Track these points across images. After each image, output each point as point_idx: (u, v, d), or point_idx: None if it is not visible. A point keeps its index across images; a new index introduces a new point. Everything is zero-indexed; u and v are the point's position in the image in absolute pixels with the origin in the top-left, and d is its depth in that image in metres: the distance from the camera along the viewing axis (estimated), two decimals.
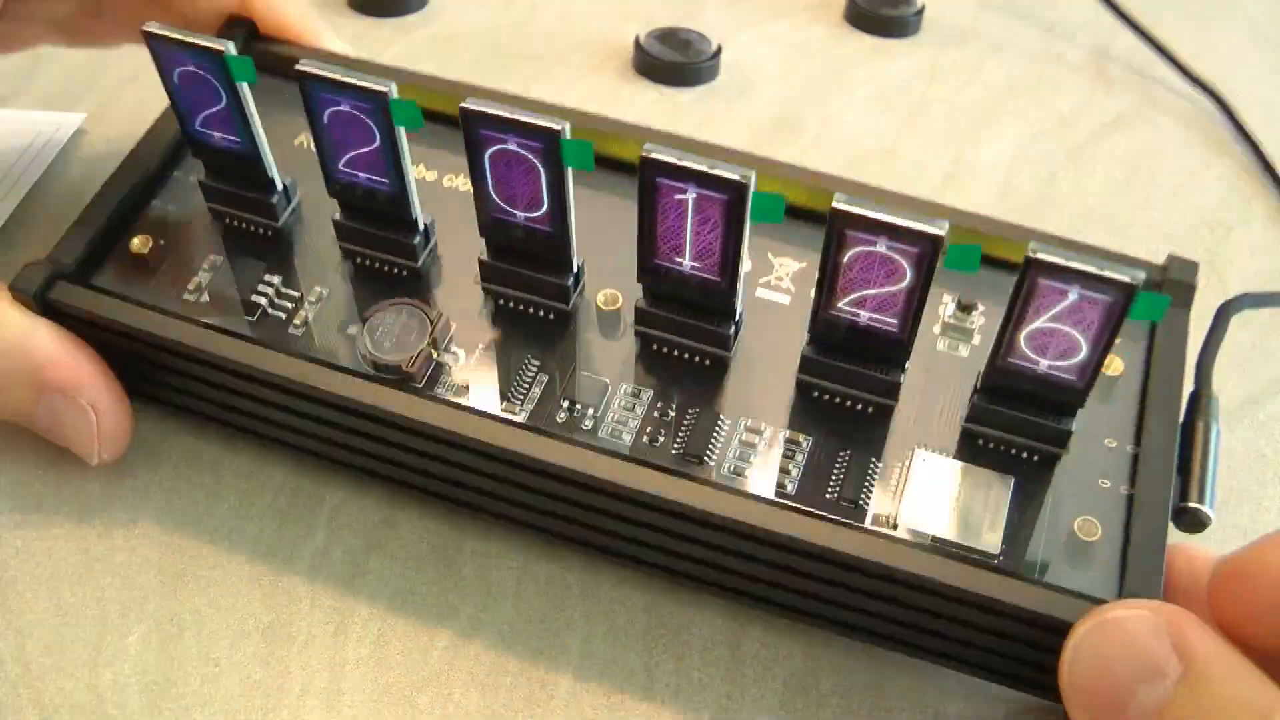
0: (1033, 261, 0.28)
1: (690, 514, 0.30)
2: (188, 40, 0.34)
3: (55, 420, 0.35)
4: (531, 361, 0.34)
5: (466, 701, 0.32)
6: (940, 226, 0.29)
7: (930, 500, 0.31)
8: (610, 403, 0.33)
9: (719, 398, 0.34)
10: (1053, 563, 0.30)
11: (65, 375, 0.34)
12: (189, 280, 0.36)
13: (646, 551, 0.33)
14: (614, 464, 0.31)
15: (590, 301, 0.36)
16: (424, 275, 0.36)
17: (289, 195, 0.38)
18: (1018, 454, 0.32)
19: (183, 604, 0.34)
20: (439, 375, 0.34)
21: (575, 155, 0.31)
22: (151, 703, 0.32)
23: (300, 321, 0.35)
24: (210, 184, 0.37)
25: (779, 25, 0.61)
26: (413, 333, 0.34)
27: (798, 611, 0.32)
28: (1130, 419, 0.33)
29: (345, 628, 0.34)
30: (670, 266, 0.33)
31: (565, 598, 0.35)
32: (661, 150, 0.30)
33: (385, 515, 0.36)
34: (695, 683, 0.33)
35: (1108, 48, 0.60)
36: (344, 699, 0.32)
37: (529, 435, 0.32)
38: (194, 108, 0.36)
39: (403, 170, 0.34)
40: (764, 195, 0.30)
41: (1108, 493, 0.31)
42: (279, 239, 0.37)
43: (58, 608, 0.34)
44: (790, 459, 0.32)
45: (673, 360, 0.34)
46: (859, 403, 0.33)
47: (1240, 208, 0.51)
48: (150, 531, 0.36)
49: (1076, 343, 0.30)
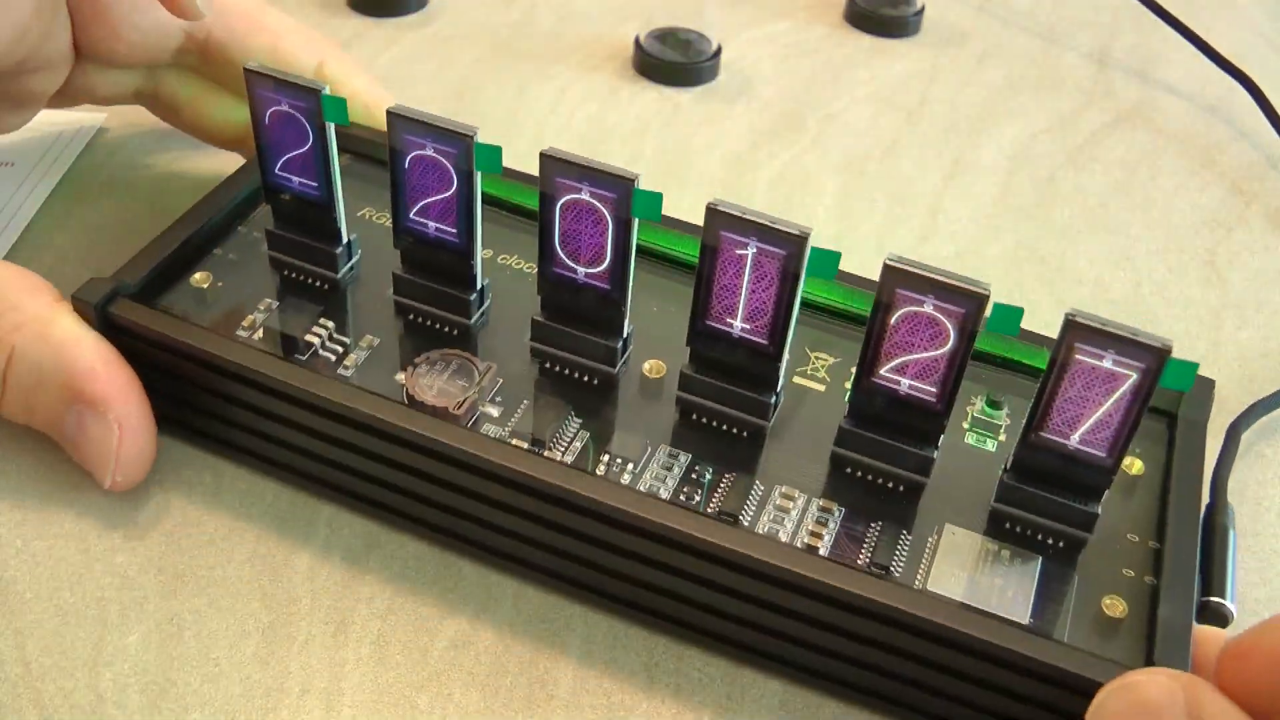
0: (1071, 324, 0.29)
1: (723, 556, 0.31)
2: (285, 79, 0.35)
3: (80, 432, 0.35)
4: (573, 418, 0.35)
5: (467, 701, 0.32)
6: (985, 287, 0.30)
7: (959, 572, 0.32)
8: (649, 462, 0.34)
9: (755, 465, 0.34)
10: (1081, 634, 0.31)
11: (99, 388, 0.34)
12: (244, 318, 0.37)
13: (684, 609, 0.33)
14: (652, 504, 0.31)
15: (635, 369, 0.36)
16: (474, 335, 0.37)
17: (351, 251, 0.39)
18: (1044, 538, 0.33)
19: (183, 604, 0.34)
20: (481, 423, 0.34)
21: (645, 206, 0.32)
22: (151, 703, 0.32)
23: (350, 364, 0.36)
24: (278, 232, 0.39)
25: (779, 25, 0.61)
26: (459, 382, 0.35)
27: (821, 676, 0.32)
28: (1151, 516, 0.34)
29: (345, 627, 0.34)
30: (720, 329, 0.34)
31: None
32: (727, 205, 0.32)
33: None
34: (695, 682, 0.33)
35: (1108, 48, 0.60)
36: (344, 699, 0.32)
37: (569, 471, 0.32)
38: (279, 149, 0.37)
39: (473, 221, 0.35)
40: (821, 252, 0.31)
41: (1133, 580, 0.32)
42: (336, 292, 0.38)
43: (58, 608, 0.34)
44: (823, 525, 0.33)
45: (712, 428, 0.35)
46: (892, 479, 0.34)
47: (1241, 208, 0.51)
48: (150, 531, 0.35)
49: (1108, 415, 0.31)
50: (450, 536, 0.35)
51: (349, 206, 0.40)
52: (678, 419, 0.35)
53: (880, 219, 0.49)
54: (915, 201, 0.50)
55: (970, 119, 0.55)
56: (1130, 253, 0.48)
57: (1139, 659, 0.30)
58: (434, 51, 0.57)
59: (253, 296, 0.38)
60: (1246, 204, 0.51)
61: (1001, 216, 0.50)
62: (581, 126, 0.52)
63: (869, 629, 0.30)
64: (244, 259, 0.39)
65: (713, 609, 0.32)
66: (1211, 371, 0.43)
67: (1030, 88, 0.57)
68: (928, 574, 0.32)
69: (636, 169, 0.32)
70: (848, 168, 0.52)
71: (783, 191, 0.50)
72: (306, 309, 0.37)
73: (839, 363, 0.37)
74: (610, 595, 0.34)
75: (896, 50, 0.59)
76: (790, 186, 0.50)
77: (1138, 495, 0.34)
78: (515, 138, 0.51)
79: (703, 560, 0.31)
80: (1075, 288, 0.46)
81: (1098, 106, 0.56)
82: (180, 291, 0.38)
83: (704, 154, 0.51)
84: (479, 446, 0.32)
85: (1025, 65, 0.59)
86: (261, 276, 0.39)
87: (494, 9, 0.60)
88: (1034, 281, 0.46)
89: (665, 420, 0.35)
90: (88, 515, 0.36)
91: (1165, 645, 0.29)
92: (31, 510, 0.36)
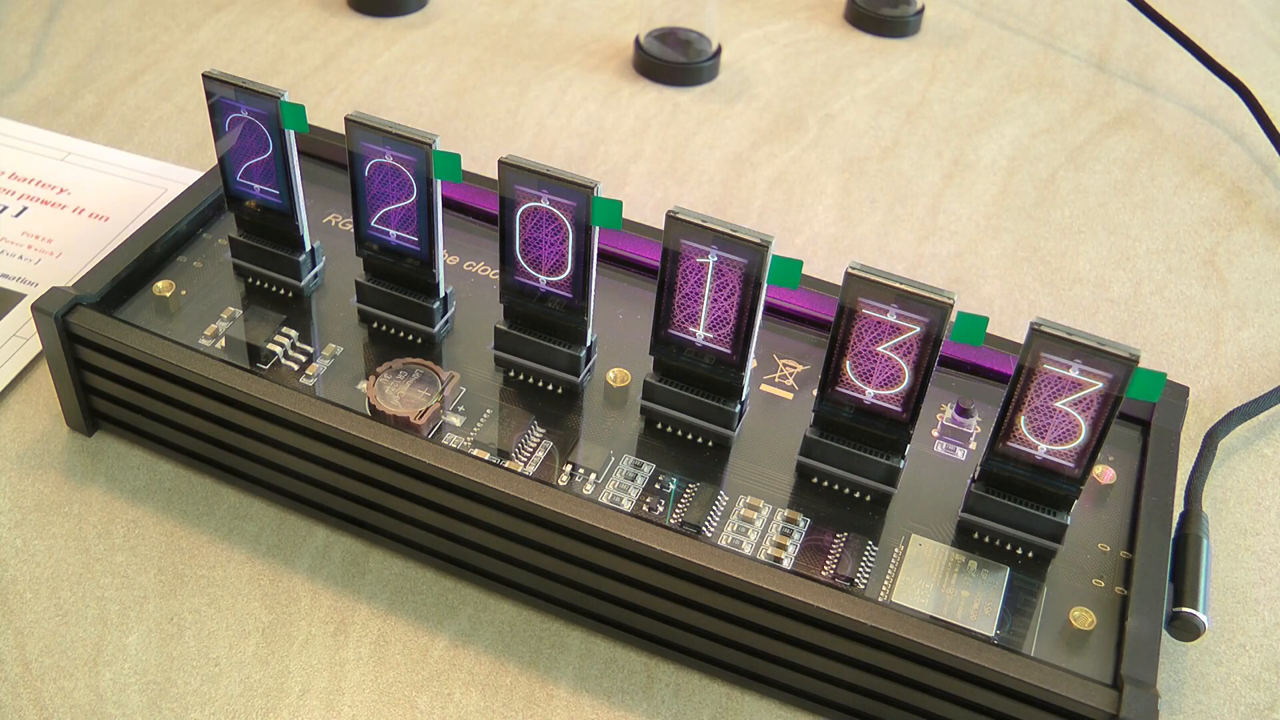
0: (1037, 332, 0.29)
1: (685, 570, 0.30)
2: (244, 85, 0.35)
3: None
4: (537, 427, 0.35)
5: (467, 702, 0.32)
6: (949, 296, 0.30)
7: (925, 584, 0.32)
8: (612, 472, 0.34)
9: (720, 475, 0.34)
10: (1049, 647, 0.30)
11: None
12: (207, 327, 0.37)
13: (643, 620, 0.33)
14: (614, 517, 0.31)
15: (600, 378, 0.36)
16: (438, 343, 0.37)
17: (314, 259, 0.39)
18: (1013, 548, 0.33)
19: (183, 604, 0.34)
20: (444, 432, 0.34)
21: (604, 214, 0.32)
22: (151, 702, 0.32)
23: (312, 374, 0.36)
24: (241, 239, 0.38)
25: (779, 25, 0.61)
26: (422, 390, 0.35)
27: (790, 690, 0.32)
28: (1122, 526, 0.34)
29: (345, 628, 0.34)
30: (684, 338, 0.34)
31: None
32: (687, 212, 0.31)
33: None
34: (695, 683, 0.33)
35: (1108, 48, 0.60)
36: (344, 699, 0.32)
37: (530, 484, 0.32)
38: (240, 156, 0.37)
39: (434, 229, 0.35)
40: (783, 260, 0.31)
41: (1102, 591, 0.32)
42: (299, 300, 0.38)
43: (58, 607, 0.34)
44: (787, 536, 0.33)
45: (677, 438, 0.35)
46: (858, 488, 0.34)
47: (1241, 207, 0.51)
48: (150, 531, 0.35)
49: (1075, 424, 0.30)
50: (417, 549, 0.35)
51: (313, 213, 0.40)
52: (642, 428, 0.35)
53: (880, 218, 0.49)
54: (915, 201, 0.50)
55: (970, 119, 0.55)
56: (1130, 253, 0.48)
57: (1107, 672, 0.30)
58: (434, 51, 0.57)
59: (216, 305, 0.38)
60: (1246, 204, 0.51)
61: (1001, 216, 0.50)
62: (581, 126, 0.52)
63: (832, 643, 0.30)
64: (208, 266, 0.39)
65: (682, 623, 0.32)
66: (1211, 371, 0.43)
67: (1030, 88, 0.57)
68: (893, 586, 0.31)
69: (636, 169, 0.32)
70: (847, 167, 0.51)
71: (782, 191, 0.50)
72: (269, 317, 0.37)
73: (807, 370, 0.37)
74: (579, 609, 0.33)
75: (896, 50, 0.59)
76: (790, 186, 0.50)
77: (1109, 504, 0.34)
78: (515, 137, 0.51)
79: (664, 574, 0.31)
80: (1075, 287, 0.46)
81: (1097, 107, 0.56)
82: (143, 300, 0.37)
83: (704, 153, 0.51)
84: (437, 458, 0.32)
85: (1025, 65, 0.59)
86: (225, 284, 0.38)
87: (494, 8, 0.60)
88: (1033, 281, 0.46)
89: (629, 429, 0.35)
90: (88, 515, 0.36)
91: (1133, 658, 0.29)
92: (31, 510, 0.36)
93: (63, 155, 0.49)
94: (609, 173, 0.49)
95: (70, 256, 0.44)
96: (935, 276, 0.46)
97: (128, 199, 0.47)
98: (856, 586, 0.31)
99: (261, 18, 0.58)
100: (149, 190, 0.47)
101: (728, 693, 0.33)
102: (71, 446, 0.37)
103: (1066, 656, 0.30)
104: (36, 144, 0.49)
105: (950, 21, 0.62)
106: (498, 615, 0.34)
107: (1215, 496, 0.39)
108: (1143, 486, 0.34)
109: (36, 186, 0.47)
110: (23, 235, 0.45)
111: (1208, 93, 0.58)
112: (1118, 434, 0.36)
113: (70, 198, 0.46)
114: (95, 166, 0.48)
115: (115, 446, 0.38)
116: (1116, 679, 0.29)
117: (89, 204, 0.46)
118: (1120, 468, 0.35)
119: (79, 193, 0.47)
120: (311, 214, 0.39)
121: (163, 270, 0.38)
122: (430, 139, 0.33)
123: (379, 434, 0.32)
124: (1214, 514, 0.38)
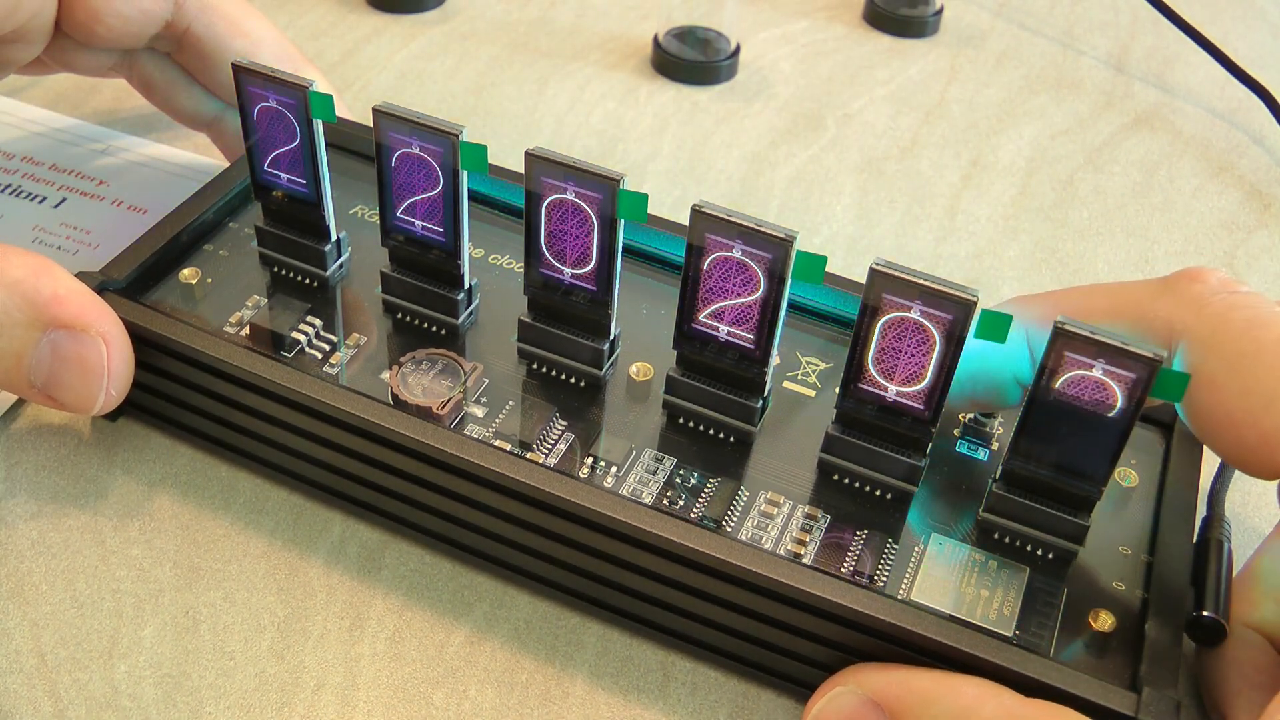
0: (1060, 332, 0.29)
1: (705, 564, 0.30)
2: (272, 75, 0.35)
3: (57, 358, 0.33)
4: (559, 420, 0.35)
5: (482, 698, 0.32)
6: (972, 293, 0.29)
7: (945, 583, 0.32)
8: (633, 466, 0.34)
9: (741, 470, 0.34)
10: (1068, 649, 0.30)
11: (76, 309, 0.33)
12: (232, 314, 0.37)
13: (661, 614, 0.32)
14: (634, 510, 0.31)
15: (622, 371, 0.36)
16: (462, 335, 0.37)
17: (340, 249, 0.39)
18: (1034, 549, 0.33)
19: (198, 597, 0.34)
20: (466, 423, 0.34)
21: (630, 207, 0.32)
22: (166, 695, 0.32)
23: (336, 362, 0.36)
24: (267, 229, 0.38)
25: (797, 24, 0.61)
26: (445, 381, 0.35)
27: (808, 687, 0.31)
28: (1144, 529, 0.33)
29: (361, 622, 0.34)
30: (707, 333, 0.33)
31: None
32: (712, 206, 0.31)
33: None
34: (711, 680, 0.33)
35: (1127, 49, 0.60)
36: (359, 694, 0.32)
37: (551, 475, 0.31)
38: (267, 145, 0.37)
39: (459, 220, 0.35)
40: (807, 255, 0.31)
41: (1123, 594, 0.32)
42: (324, 290, 0.38)
43: (73, 600, 0.34)
44: (807, 532, 0.32)
45: (699, 433, 0.35)
46: (879, 486, 0.34)
47: (1260, 210, 0.51)
48: (166, 524, 0.36)
49: (1100, 424, 0.30)
50: (436, 538, 0.35)
51: (340, 204, 0.40)
52: (664, 423, 0.35)
53: (898, 219, 0.49)
54: (933, 201, 0.50)
55: (989, 119, 0.55)
56: (1149, 255, 0.48)
57: (1126, 675, 0.30)
58: (452, 48, 0.57)
59: (241, 293, 0.38)
60: (1265, 206, 0.51)
61: (1020, 217, 0.49)
62: (600, 124, 0.52)
63: (851, 639, 0.30)
64: (234, 255, 0.39)
65: (701, 617, 0.32)
66: None
67: (1049, 89, 0.57)
68: (913, 584, 0.31)
69: (654, 167, 0.32)
70: (866, 167, 0.51)
71: (800, 190, 0.50)
72: (294, 306, 0.37)
73: (830, 368, 0.37)
74: (597, 601, 0.33)
75: (915, 50, 0.59)
76: (808, 186, 0.50)
77: (1131, 507, 0.34)
78: (533, 134, 0.51)
79: (683, 567, 0.31)
80: None
81: (1116, 108, 0.56)
82: (169, 287, 0.38)
83: (722, 152, 0.51)
84: (459, 447, 0.32)
85: (1044, 66, 0.59)
86: (251, 273, 0.38)
87: (512, 6, 0.60)
88: (1052, 283, 0.46)
89: (651, 423, 0.35)
90: (104, 508, 0.36)
91: (1153, 661, 0.29)
92: (47, 502, 0.36)
93: (103, 147, 0.49)
94: (627, 170, 0.49)
95: (107, 248, 0.44)
96: (953, 277, 0.46)
97: (166, 192, 0.47)
98: (876, 584, 0.31)
99: (279, 14, 0.58)
100: (188, 184, 0.47)
101: (744, 690, 0.33)
102: (91, 436, 0.38)
103: (1086, 658, 0.30)
104: (77, 135, 0.49)
105: (969, 22, 0.62)
106: (514, 611, 0.34)
107: (1237, 501, 0.38)
108: (1165, 490, 0.34)
109: (76, 178, 0.47)
110: (61, 226, 0.45)
111: (1227, 95, 0.57)
112: (1140, 436, 0.35)
113: (109, 190, 0.47)
114: (135, 159, 0.48)
115: (134, 438, 0.38)
116: (1135, 682, 0.29)
117: (128, 196, 0.46)
118: (1142, 471, 0.35)
119: (118, 185, 0.47)
120: (338, 205, 0.39)
121: (189, 258, 0.39)
122: (457, 130, 0.33)
123: (401, 422, 0.32)
124: (1236, 519, 0.38)
